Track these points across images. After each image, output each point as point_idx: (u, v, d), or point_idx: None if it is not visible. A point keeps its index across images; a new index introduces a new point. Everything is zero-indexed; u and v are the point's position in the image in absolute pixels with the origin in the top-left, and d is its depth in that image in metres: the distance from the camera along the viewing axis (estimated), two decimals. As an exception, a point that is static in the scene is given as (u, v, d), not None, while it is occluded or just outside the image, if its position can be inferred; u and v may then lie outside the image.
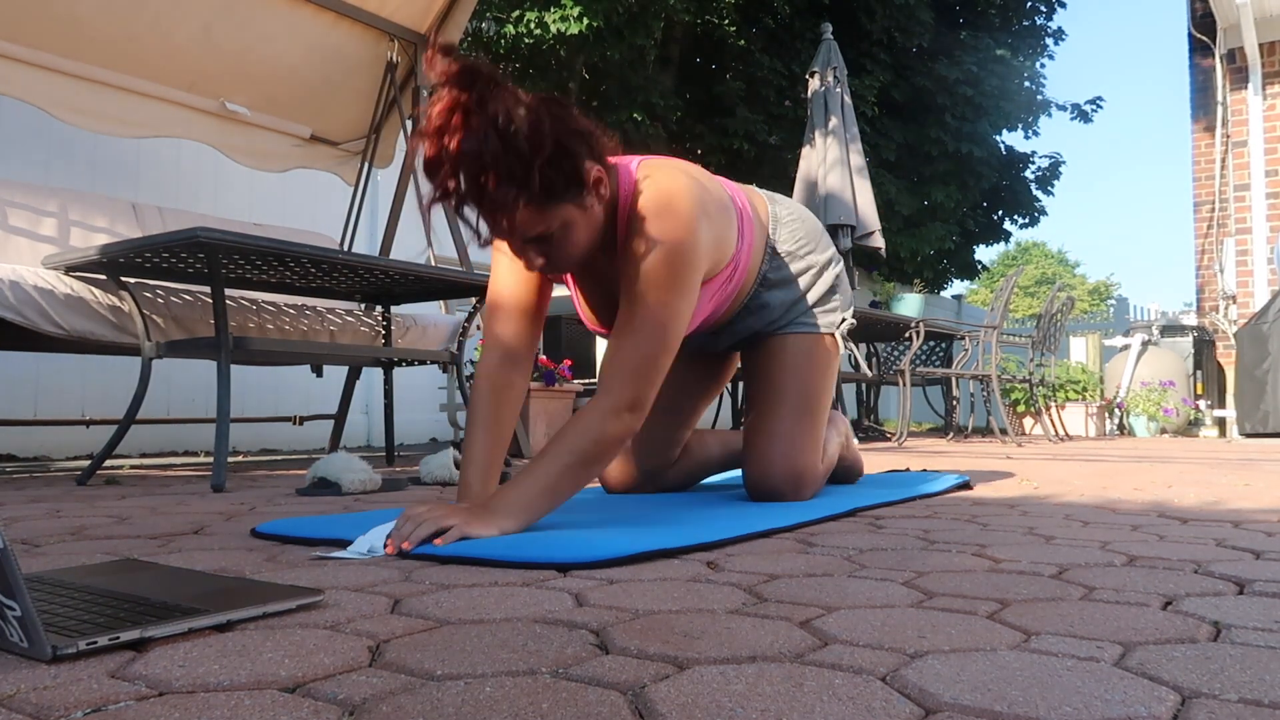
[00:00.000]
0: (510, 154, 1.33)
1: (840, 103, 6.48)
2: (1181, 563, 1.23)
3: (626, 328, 1.50)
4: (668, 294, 1.51)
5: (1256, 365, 6.47)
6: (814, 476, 1.91)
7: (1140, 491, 2.30)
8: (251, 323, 3.20)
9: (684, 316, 1.54)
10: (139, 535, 1.54)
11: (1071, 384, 8.28)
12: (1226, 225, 7.92)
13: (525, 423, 4.38)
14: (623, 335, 1.51)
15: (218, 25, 3.60)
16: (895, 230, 10.47)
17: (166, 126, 3.75)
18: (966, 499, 2.12)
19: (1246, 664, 0.75)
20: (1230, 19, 7.50)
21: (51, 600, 0.91)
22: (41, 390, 4.40)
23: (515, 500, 1.40)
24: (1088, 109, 11.92)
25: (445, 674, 0.72)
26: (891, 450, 4.62)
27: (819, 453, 1.93)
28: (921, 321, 5.83)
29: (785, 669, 0.73)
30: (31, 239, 3.33)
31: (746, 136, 9.47)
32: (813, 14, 10.14)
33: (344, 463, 2.33)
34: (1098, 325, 12.42)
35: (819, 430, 1.92)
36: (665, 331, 1.51)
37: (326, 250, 2.74)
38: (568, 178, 1.40)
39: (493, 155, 1.32)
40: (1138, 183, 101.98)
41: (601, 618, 0.91)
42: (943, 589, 1.05)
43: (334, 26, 3.92)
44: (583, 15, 7.74)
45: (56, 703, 0.65)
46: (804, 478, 1.88)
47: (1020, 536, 1.48)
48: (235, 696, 0.67)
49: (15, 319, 2.63)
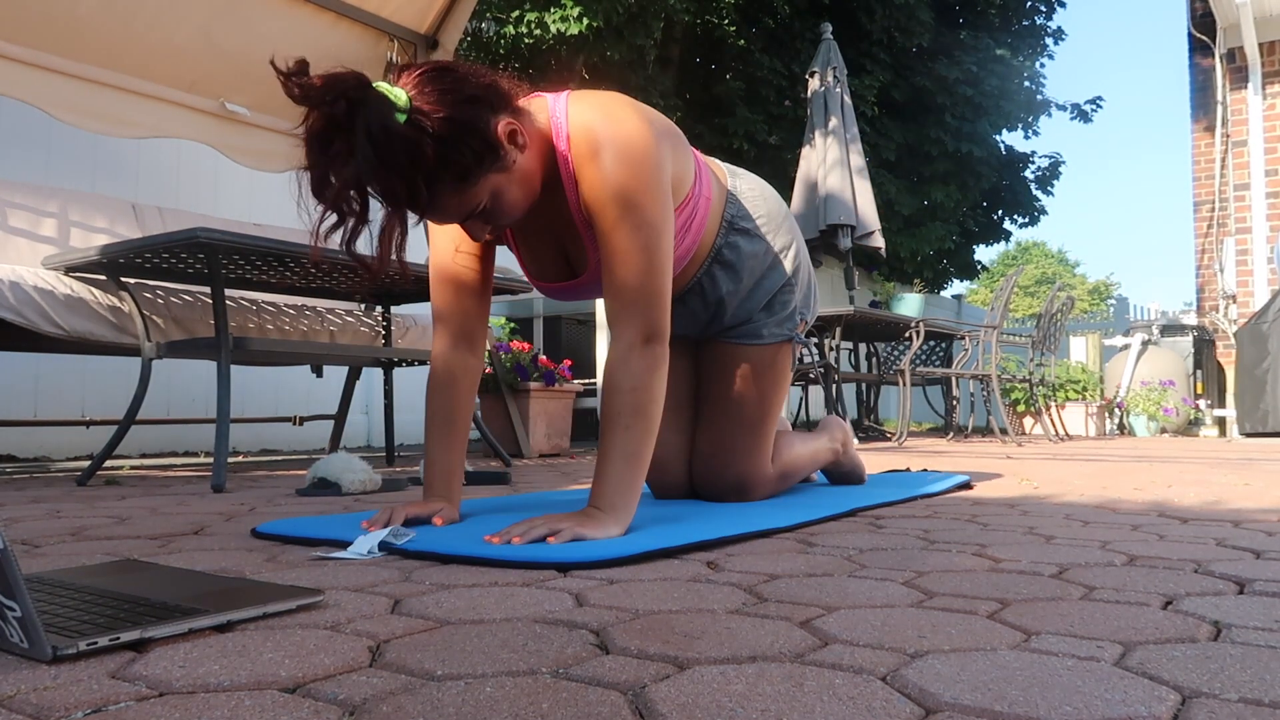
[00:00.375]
0: (401, 156, 1.26)
1: (840, 103, 6.48)
2: (1182, 562, 1.23)
3: (612, 260, 1.44)
4: (642, 207, 1.43)
5: (1256, 365, 6.47)
6: (761, 480, 1.89)
7: (1140, 491, 2.30)
8: (251, 323, 3.20)
9: (667, 224, 1.47)
10: (139, 536, 1.54)
11: (1071, 384, 8.29)
12: (1226, 225, 7.92)
13: (525, 423, 4.38)
14: (611, 269, 1.44)
15: (218, 25, 3.60)
16: (895, 230, 10.48)
17: (166, 126, 3.75)
18: (966, 499, 2.12)
19: (1247, 663, 0.75)
20: (1230, 18, 7.50)
21: (51, 600, 0.91)
22: (41, 390, 4.40)
23: (613, 492, 1.39)
24: (1088, 109, 11.94)
25: (445, 674, 0.72)
26: (891, 450, 4.62)
27: (767, 458, 1.90)
28: (921, 321, 5.83)
29: (785, 669, 0.73)
30: (31, 239, 3.33)
31: (746, 136, 9.47)
32: (813, 14, 10.14)
33: (344, 463, 2.33)
34: (1098, 325, 12.42)
35: (767, 438, 1.90)
36: (653, 246, 1.44)
37: (327, 250, 2.74)
38: (476, 150, 1.32)
39: (385, 164, 1.25)
40: (1138, 182, 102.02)
41: (602, 618, 0.91)
42: (943, 589, 1.05)
43: (334, 26, 3.92)
44: (583, 15, 7.75)
45: (57, 703, 0.65)
46: (748, 483, 1.87)
47: (1020, 536, 1.48)
48: (235, 697, 0.67)
49: (15, 319, 2.63)
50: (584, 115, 1.45)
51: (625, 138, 1.44)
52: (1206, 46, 8.07)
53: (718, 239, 1.77)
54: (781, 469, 1.96)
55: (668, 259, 1.47)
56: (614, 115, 1.45)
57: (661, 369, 1.45)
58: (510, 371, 4.37)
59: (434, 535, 1.39)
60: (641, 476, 1.42)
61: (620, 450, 1.40)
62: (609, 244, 1.44)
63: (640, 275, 1.44)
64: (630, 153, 1.43)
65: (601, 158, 1.42)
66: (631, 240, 1.43)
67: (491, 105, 1.35)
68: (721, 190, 1.78)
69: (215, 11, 3.57)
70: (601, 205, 1.43)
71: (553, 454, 4.49)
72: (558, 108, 1.48)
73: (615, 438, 1.41)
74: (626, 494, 1.40)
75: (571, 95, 1.51)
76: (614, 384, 1.43)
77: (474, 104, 1.32)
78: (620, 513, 1.39)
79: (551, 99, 1.51)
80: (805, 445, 2.07)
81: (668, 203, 1.48)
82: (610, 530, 1.36)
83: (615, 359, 1.44)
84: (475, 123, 1.32)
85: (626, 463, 1.40)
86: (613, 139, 1.43)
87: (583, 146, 1.44)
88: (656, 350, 1.44)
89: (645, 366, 1.43)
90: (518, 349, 4.50)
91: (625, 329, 1.44)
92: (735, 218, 1.78)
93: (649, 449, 1.43)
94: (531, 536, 1.30)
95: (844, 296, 10.01)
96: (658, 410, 1.44)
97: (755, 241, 1.82)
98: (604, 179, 1.42)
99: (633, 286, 1.44)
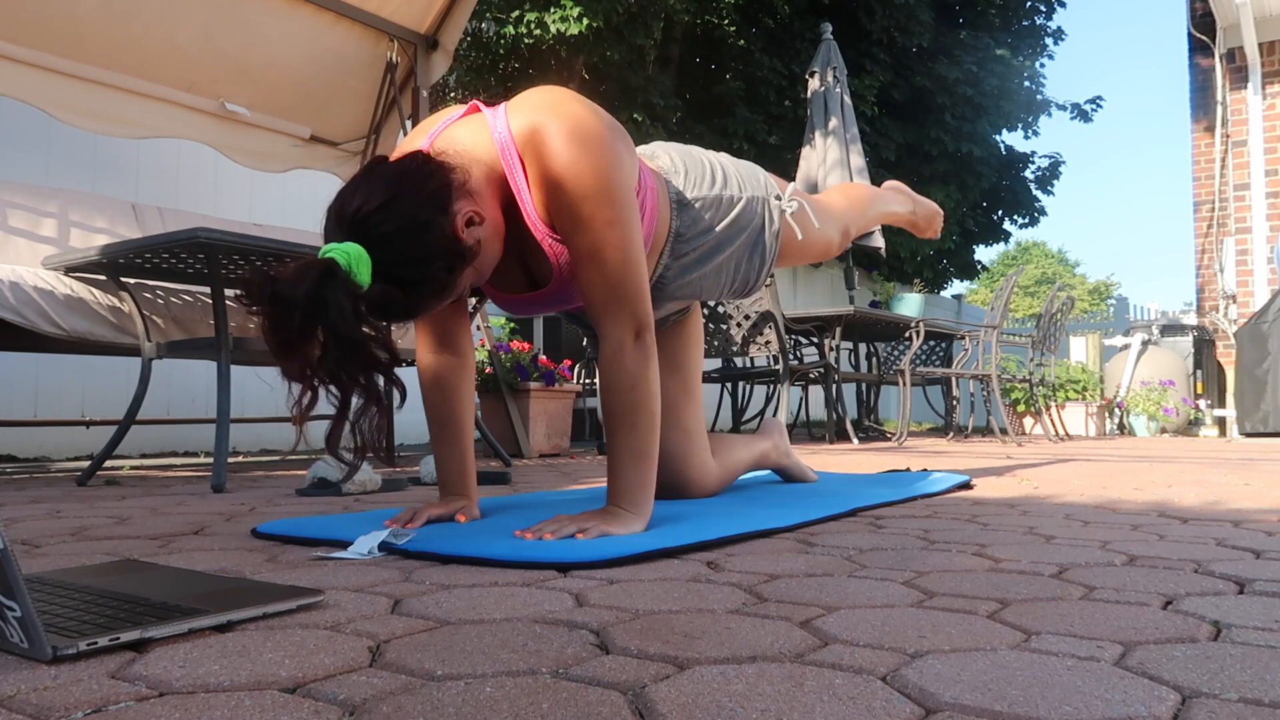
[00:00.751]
0: (377, 319, 1.27)
1: (840, 103, 6.48)
2: (1182, 562, 1.23)
3: (586, 262, 1.41)
4: (605, 203, 1.39)
5: (1256, 365, 6.47)
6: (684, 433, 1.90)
7: (1140, 491, 2.30)
8: (251, 323, 3.20)
9: (632, 216, 1.43)
10: (139, 536, 1.54)
11: (1071, 384, 8.28)
12: (1226, 225, 7.92)
13: (525, 423, 4.38)
14: (585, 269, 1.42)
15: (218, 26, 3.60)
16: (895, 230, 10.47)
17: (166, 127, 3.75)
18: (966, 499, 2.12)
19: (1247, 663, 0.75)
20: (1230, 18, 7.50)
21: (51, 600, 0.91)
22: (41, 390, 4.40)
23: (629, 489, 1.42)
24: (1088, 108, 11.94)
25: (445, 674, 0.72)
26: (891, 450, 4.62)
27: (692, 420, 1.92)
28: (921, 321, 5.83)
29: (785, 669, 0.73)
30: (31, 239, 3.33)
31: (746, 136, 9.48)
32: (813, 14, 10.15)
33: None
34: (1098, 325, 12.42)
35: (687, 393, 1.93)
36: (623, 241, 1.41)
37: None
38: (446, 265, 1.31)
39: (359, 347, 1.20)
40: (1138, 182, 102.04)
41: (601, 618, 0.91)
42: (943, 589, 1.05)
43: (334, 27, 3.92)
44: (583, 15, 7.75)
45: (56, 703, 0.65)
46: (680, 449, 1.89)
47: (1020, 536, 1.48)
48: (235, 697, 0.67)
49: (15, 319, 2.63)
50: (528, 119, 1.41)
51: (580, 133, 1.39)
52: (1206, 46, 8.07)
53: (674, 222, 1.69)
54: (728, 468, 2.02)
55: (640, 250, 1.45)
56: (562, 110, 1.41)
57: (654, 361, 1.45)
58: (510, 371, 4.37)
59: (434, 535, 1.39)
60: (653, 470, 1.45)
61: (629, 450, 1.43)
62: (581, 244, 1.41)
63: (617, 270, 1.41)
64: (586, 147, 1.39)
65: (560, 156, 1.38)
66: (603, 236, 1.40)
67: (442, 208, 1.30)
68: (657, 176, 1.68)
69: (215, 11, 3.57)
70: (568, 206, 1.39)
71: (553, 454, 4.49)
72: (498, 124, 1.44)
73: (622, 437, 1.43)
74: (643, 490, 1.43)
75: (509, 105, 1.47)
76: (611, 384, 1.43)
77: (428, 228, 1.28)
78: (641, 508, 1.43)
79: (490, 115, 1.46)
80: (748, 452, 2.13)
81: (631, 194, 1.45)
82: (633, 526, 1.40)
83: (608, 358, 1.44)
84: (433, 245, 1.29)
85: (636, 461, 1.43)
86: (568, 136, 1.38)
87: (534, 149, 1.39)
88: (646, 342, 1.44)
89: (639, 362, 1.43)
90: (518, 349, 4.50)
91: (612, 327, 1.43)
92: (677, 195, 1.70)
93: (655, 442, 1.45)
94: (563, 533, 1.33)
95: (844, 296, 10.02)
96: (657, 403, 1.46)
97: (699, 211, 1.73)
98: (567, 177, 1.38)
99: (610, 283, 1.42)
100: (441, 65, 4.25)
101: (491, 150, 1.42)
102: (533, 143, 1.39)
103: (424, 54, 4.20)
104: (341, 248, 1.22)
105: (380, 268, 1.24)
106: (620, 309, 1.42)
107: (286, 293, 1.15)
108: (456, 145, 1.41)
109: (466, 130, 1.45)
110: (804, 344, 6.44)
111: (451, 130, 1.47)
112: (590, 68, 8.79)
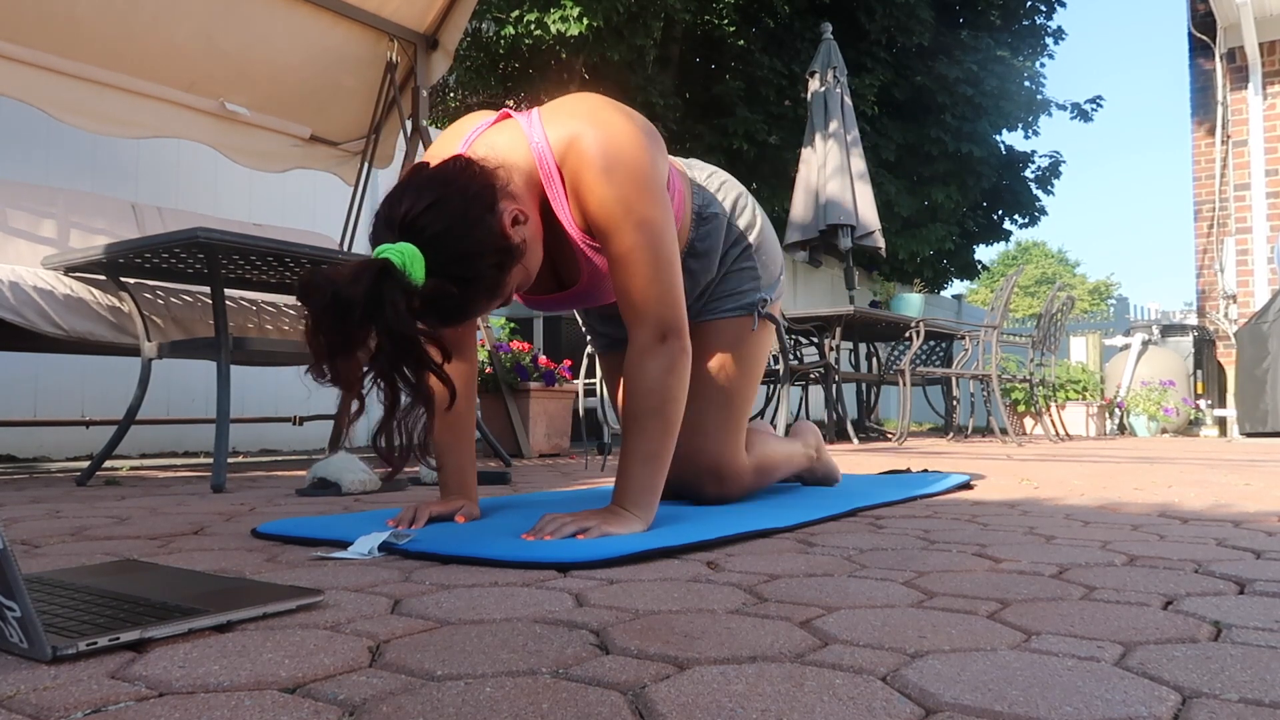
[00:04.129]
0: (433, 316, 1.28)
1: (840, 103, 6.48)
2: (1182, 562, 1.23)
3: (619, 262, 1.44)
4: (644, 209, 1.43)
5: (1257, 365, 6.47)
6: (736, 468, 1.82)
7: (1141, 491, 2.30)
8: (251, 323, 3.20)
9: (668, 220, 1.47)
10: (139, 536, 1.54)
11: (1072, 384, 8.29)
12: (1227, 225, 7.92)
13: (525, 423, 4.38)
14: (619, 271, 1.45)
15: (217, 25, 3.60)
16: (895, 231, 10.48)
17: (166, 127, 3.75)
18: (966, 499, 2.12)
19: (1247, 664, 0.75)
20: (1230, 18, 7.50)
21: (51, 601, 0.91)
22: (41, 390, 4.40)
23: (635, 491, 1.43)
24: (1088, 108, 11.94)
25: (445, 674, 0.72)
26: (891, 450, 4.62)
27: (740, 444, 1.84)
28: (921, 321, 5.83)
29: (785, 669, 0.73)
30: (31, 239, 3.33)
31: (746, 136, 9.47)
32: (813, 14, 10.15)
33: (344, 463, 2.33)
34: (1098, 325, 12.42)
35: (737, 421, 1.83)
36: (657, 242, 1.44)
37: (326, 250, 2.74)
38: (497, 258, 1.33)
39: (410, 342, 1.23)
40: (1138, 182, 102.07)
41: (601, 618, 0.91)
42: (943, 589, 1.05)
43: (333, 26, 3.92)
44: (582, 15, 7.75)
45: (56, 703, 0.65)
46: (723, 468, 1.79)
47: (1020, 536, 1.48)
48: (235, 697, 0.67)
49: (15, 319, 2.63)
50: (565, 128, 1.45)
51: (618, 143, 1.44)
52: (1207, 46, 8.06)
53: (690, 232, 1.74)
54: (758, 461, 1.90)
55: (675, 254, 1.49)
56: (599, 119, 1.45)
57: (680, 366, 1.46)
58: (510, 371, 4.37)
59: (434, 535, 1.39)
60: (662, 475, 1.46)
61: (640, 452, 1.44)
62: (615, 250, 1.45)
63: (649, 275, 1.45)
64: (624, 156, 1.43)
65: (598, 166, 1.42)
66: (636, 242, 1.44)
67: (489, 207, 1.32)
68: (686, 181, 1.75)
69: (215, 11, 3.57)
70: (605, 214, 1.43)
71: (552, 454, 4.49)
72: (534, 133, 1.47)
73: (635, 439, 1.44)
74: (648, 493, 1.44)
75: (543, 112, 1.50)
76: (632, 386, 1.45)
77: (477, 224, 1.30)
78: (644, 510, 1.43)
79: (524, 121, 1.49)
80: (781, 445, 2.05)
81: (666, 199, 1.49)
82: (634, 527, 1.40)
83: (632, 360, 1.46)
84: (484, 244, 1.31)
85: (646, 464, 1.43)
86: (605, 146, 1.43)
87: (574, 160, 1.43)
88: (674, 346, 1.45)
89: (662, 366, 1.44)
90: (518, 349, 4.49)
91: (640, 330, 1.46)
92: (701, 207, 1.77)
93: (668, 448, 1.46)
94: (564, 533, 1.34)
95: (844, 296, 10.02)
96: (677, 409, 1.46)
97: (721, 226, 1.79)
98: (605, 186, 1.42)
99: (642, 287, 1.45)
100: (442, 65, 4.25)
101: (529, 158, 1.46)
102: (571, 154, 1.44)
103: (424, 54, 4.20)
104: (395, 247, 1.25)
105: (433, 266, 1.26)
106: (648, 313, 1.45)
107: (345, 292, 1.18)
108: (496, 151, 1.44)
109: (503, 137, 1.49)
110: (804, 344, 6.45)
111: (488, 136, 1.50)
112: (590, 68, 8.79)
